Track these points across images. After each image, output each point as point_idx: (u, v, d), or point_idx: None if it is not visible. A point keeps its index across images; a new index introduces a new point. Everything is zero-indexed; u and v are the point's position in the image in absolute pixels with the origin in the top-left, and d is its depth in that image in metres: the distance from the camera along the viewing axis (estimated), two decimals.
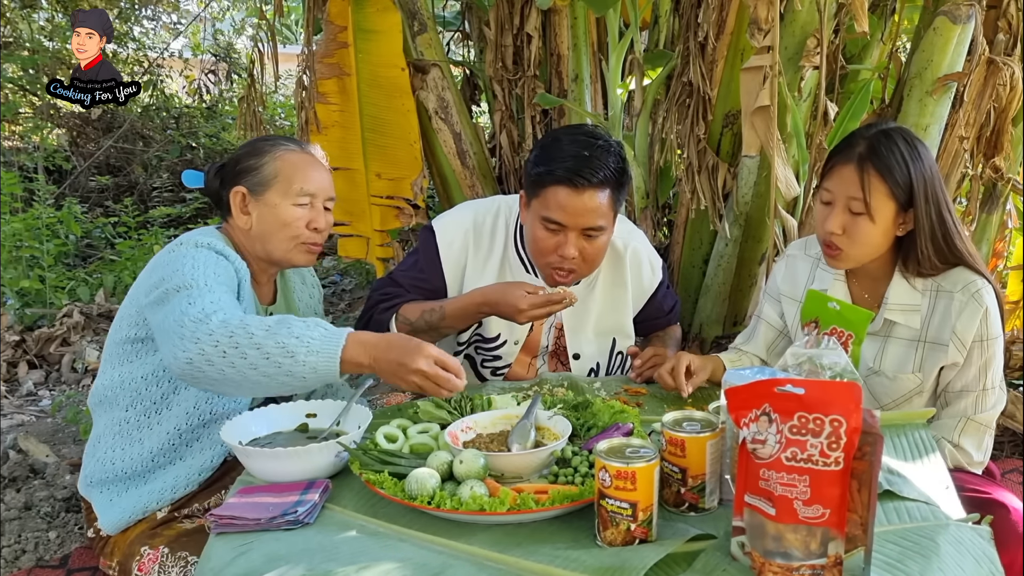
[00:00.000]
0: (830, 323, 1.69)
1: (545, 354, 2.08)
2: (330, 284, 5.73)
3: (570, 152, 1.79)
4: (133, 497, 1.69)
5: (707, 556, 1.13)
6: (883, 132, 1.64)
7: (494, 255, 2.00)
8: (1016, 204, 3.14)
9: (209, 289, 1.55)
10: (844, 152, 1.66)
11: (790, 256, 1.92)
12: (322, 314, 2.06)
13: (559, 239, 1.82)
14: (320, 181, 1.79)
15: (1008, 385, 2.94)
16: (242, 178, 1.76)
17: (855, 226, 1.64)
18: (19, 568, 2.30)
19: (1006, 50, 2.58)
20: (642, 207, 2.91)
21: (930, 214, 1.62)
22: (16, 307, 4.47)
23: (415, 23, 3.07)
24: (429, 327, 1.89)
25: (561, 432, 1.44)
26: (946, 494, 1.29)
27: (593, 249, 1.85)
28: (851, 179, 1.62)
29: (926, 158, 1.63)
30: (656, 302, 2.12)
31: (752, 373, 1.38)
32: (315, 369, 1.44)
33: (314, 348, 1.43)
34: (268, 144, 1.80)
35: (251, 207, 1.76)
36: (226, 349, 1.43)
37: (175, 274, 1.59)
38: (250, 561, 1.16)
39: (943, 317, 1.65)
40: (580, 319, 2.04)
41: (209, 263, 1.62)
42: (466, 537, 1.21)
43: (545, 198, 1.80)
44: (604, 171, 1.77)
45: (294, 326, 1.45)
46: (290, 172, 1.75)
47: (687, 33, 2.67)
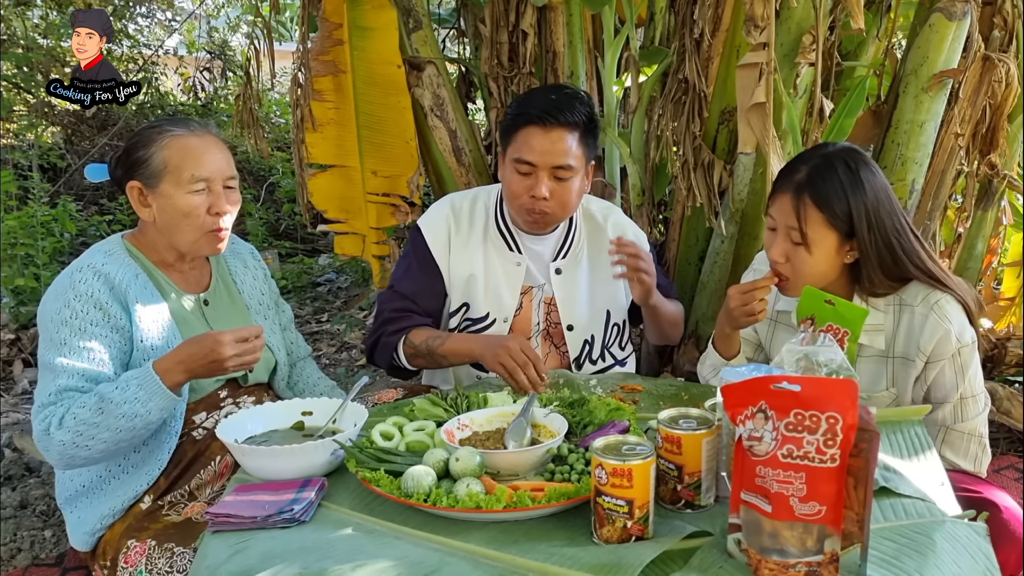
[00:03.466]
0: (826, 320, 1.69)
1: (538, 333, 2.08)
2: (326, 282, 5.72)
3: (540, 97, 1.93)
4: (95, 508, 1.71)
5: (703, 553, 1.13)
6: (824, 158, 1.60)
7: (475, 232, 2.06)
8: (1011, 201, 3.15)
9: (57, 375, 1.61)
10: (786, 179, 1.63)
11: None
12: (274, 294, 2.06)
13: (530, 181, 1.89)
14: (213, 163, 1.73)
15: (1005, 382, 2.94)
16: (135, 171, 1.73)
17: (796, 255, 1.62)
18: (15, 567, 2.30)
19: (1001, 47, 2.58)
20: (638, 204, 2.91)
21: (875, 242, 1.58)
22: (11, 305, 4.46)
23: (410, 20, 3.06)
24: (429, 352, 1.95)
25: (557, 429, 1.45)
26: (942, 491, 1.29)
27: (564, 191, 1.91)
28: (788, 209, 1.60)
29: (870, 184, 1.58)
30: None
31: (748, 370, 1.38)
32: (161, 408, 1.59)
33: (143, 399, 1.57)
34: (155, 132, 1.74)
35: (149, 200, 1.73)
36: (84, 443, 1.57)
37: (44, 339, 1.66)
38: (246, 559, 1.16)
39: (908, 331, 1.64)
40: (570, 291, 2.07)
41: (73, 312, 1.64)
42: (462, 535, 1.21)
43: (517, 141, 1.90)
44: (572, 113, 1.88)
45: (113, 397, 1.56)
46: (179, 159, 1.71)
47: (683, 30, 2.66)
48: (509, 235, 2.05)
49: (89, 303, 1.65)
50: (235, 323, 1.88)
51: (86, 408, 1.56)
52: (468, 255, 2.04)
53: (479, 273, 2.04)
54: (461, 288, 2.05)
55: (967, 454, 1.66)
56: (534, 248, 2.06)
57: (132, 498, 1.69)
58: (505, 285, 2.04)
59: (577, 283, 2.07)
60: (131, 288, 1.70)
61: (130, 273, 1.72)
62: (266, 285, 2.03)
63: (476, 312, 2.05)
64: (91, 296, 1.65)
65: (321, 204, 3.15)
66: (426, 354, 1.95)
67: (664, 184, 3.12)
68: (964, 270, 3.12)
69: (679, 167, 2.66)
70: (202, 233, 1.74)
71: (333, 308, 5.18)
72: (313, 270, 5.89)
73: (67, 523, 1.77)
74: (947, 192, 2.75)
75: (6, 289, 4.53)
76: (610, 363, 2.13)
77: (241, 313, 1.92)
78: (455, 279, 2.05)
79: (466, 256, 2.04)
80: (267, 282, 2.04)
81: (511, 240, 2.05)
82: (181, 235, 1.74)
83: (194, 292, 1.83)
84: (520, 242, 2.06)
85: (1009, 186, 2.94)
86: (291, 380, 2.05)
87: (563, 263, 2.07)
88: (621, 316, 2.13)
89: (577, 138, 1.89)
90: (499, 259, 2.05)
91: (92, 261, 1.70)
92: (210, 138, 1.77)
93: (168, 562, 1.53)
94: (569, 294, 2.07)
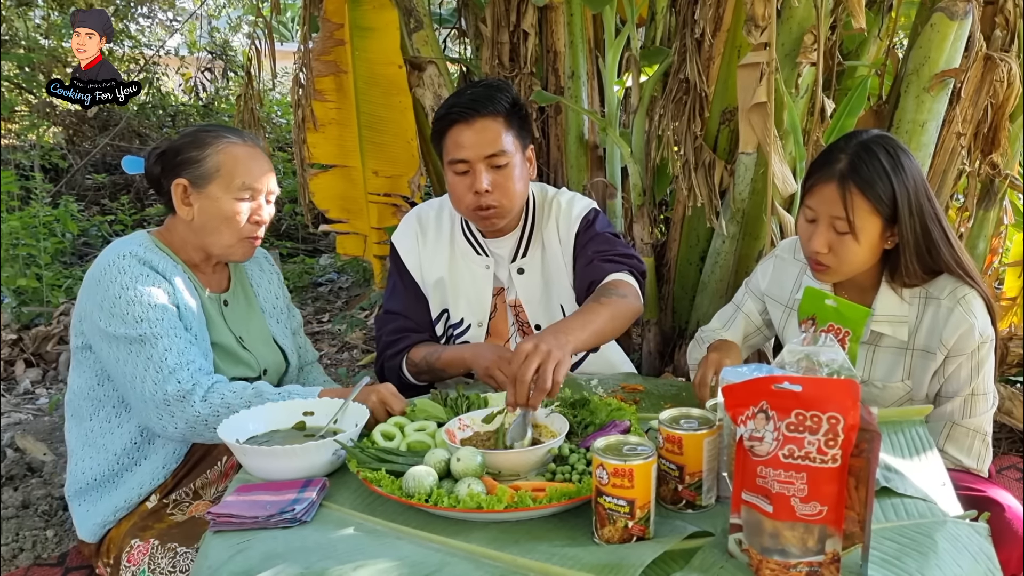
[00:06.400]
0: (827, 320, 1.69)
1: (515, 335, 2.08)
2: (327, 282, 5.73)
3: (455, 98, 1.94)
4: (106, 502, 1.72)
5: (704, 553, 1.13)
6: (863, 145, 1.59)
7: (442, 239, 2.07)
8: (1013, 200, 3.14)
9: (166, 344, 1.63)
10: (825, 169, 1.61)
11: (779, 257, 1.89)
12: (286, 298, 2.09)
13: (470, 179, 1.88)
14: (263, 175, 1.79)
15: (1007, 382, 2.94)
16: (183, 170, 1.76)
17: (841, 245, 1.60)
18: (17, 567, 2.30)
19: (1003, 46, 2.57)
20: (639, 204, 2.91)
21: (915, 227, 1.58)
22: (13, 305, 4.46)
23: (411, 20, 3.06)
24: (430, 368, 1.96)
25: (558, 430, 1.45)
26: (943, 491, 1.29)
27: (504, 179, 1.89)
28: (833, 198, 1.58)
29: (909, 168, 1.58)
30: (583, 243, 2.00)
31: (749, 370, 1.38)
32: None
33: None
34: (210, 136, 1.79)
35: (192, 199, 1.76)
36: (215, 423, 1.56)
37: (123, 316, 1.63)
38: (247, 559, 1.16)
39: (931, 324, 1.64)
40: (532, 290, 2.05)
41: (146, 292, 1.66)
42: (463, 535, 1.21)
43: (447, 145, 1.90)
44: (491, 103, 1.87)
45: (270, 398, 1.61)
46: (232, 166, 1.75)
47: (684, 30, 2.66)
48: (474, 239, 2.05)
49: (146, 281, 1.67)
50: (251, 324, 1.91)
51: (237, 395, 1.61)
52: (437, 262, 2.05)
53: (447, 277, 2.04)
54: (434, 294, 2.06)
55: (970, 451, 1.66)
56: (497, 251, 2.05)
57: (148, 490, 1.71)
58: (475, 289, 2.04)
59: (534, 281, 2.05)
60: (173, 276, 1.73)
61: (169, 264, 1.75)
62: (280, 290, 2.06)
63: (454, 318, 2.06)
64: (145, 276, 1.68)
65: (322, 204, 3.16)
66: (427, 370, 1.97)
67: (665, 184, 3.13)
68: None
69: (680, 167, 2.66)
70: (239, 239, 1.78)
71: (334, 308, 5.18)
72: (314, 270, 5.90)
73: (74, 516, 1.78)
74: (949, 192, 2.74)
75: (8, 289, 4.54)
76: (579, 358, 2.08)
77: (256, 316, 1.95)
78: (428, 286, 2.06)
79: (435, 263, 2.05)
80: (281, 287, 2.07)
81: (476, 244, 2.05)
82: (217, 237, 1.77)
83: (215, 292, 1.86)
84: (485, 245, 2.05)
85: (1011, 186, 2.93)
86: (298, 383, 2.06)
87: (524, 262, 2.04)
88: (571, 306, 2.05)
89: (503, 124, 1.88)
90: (467, 264, 2.04)
91: (130, 249, 1.71)
92: (259, 151, 1.84)
93: (171, 562, 1.53)
94: (532, 293, 2.05)
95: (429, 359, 1.96)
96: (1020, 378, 3.00)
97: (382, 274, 3.22)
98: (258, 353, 1.88)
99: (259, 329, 1.93)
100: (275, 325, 1.99)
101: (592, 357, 2.10)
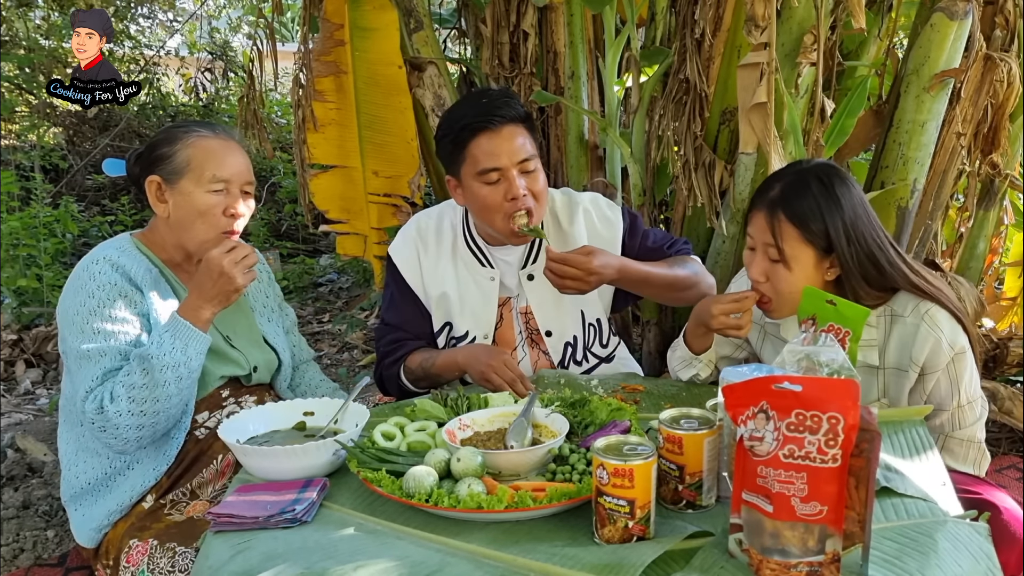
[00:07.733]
0: (827, 320, 1.69)
1: (523, 343, 2.06)
2: (327, 282, 5.73)
3: (469, 107, 1.89)
4: (101, 506, 1.72)
5: (705, 553, 1.13)
6: (798, 174, 1.60)
7: (444, 250, 2.04)
8: (1013, 200, 3.15)
9: (104, 364, 1.63)
10: (759, 197, 1.62)
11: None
12: (278, 296, 2.07)
13: (503, 186, 1.84)
14: (235, 166, 1.77)
15: (1007, 382, 2.94)
16: (156, 167, 1.75)
17: (775, 273, 1.61)
18: (17, 567, 2.30)
19: (1003, 46, 2.58)
20: (639, 204, 2.91)
21: (856, 256, 1.56)
22: (13, 306, 4.46)
23: (411, 20, 3.06)
24: (426, 374, 1.97)
25: (558, 430, 1.45)
26: (943, 491, 1.29)
27: (534, 183, 1.87)
28: (763, 227, 1.59)
29: (846, 199, 1.57)
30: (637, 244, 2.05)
31: (749, 370, 1.38)
32: (199, 352, 1.65)
33: (180, 347, 1.61)
34: (180, 131, 1.78)
35: (167, 196, 1.75)
36: (139, 408, 1.59)
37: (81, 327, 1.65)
38: (248, 559, 1.16)
39: (899, 343, 1.63)
40: (543, 296, 2.03)
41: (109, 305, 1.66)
42: (464, 535, 1.21)
43: (472, 155, 1.85)
44: (511, 109, 1.85)
45: (153, 353, 1.59)
46: (202, 159, 1.74)
47: (684, 30, 2.66)
48: (479, 250, 2.02)
49: (113, 291, 1.67)
50: (239, 323, 1.89)
51: (131, 374, 1.59)
52: (439, 274, 2.02)
53: (452, 292, 2.02)
54: (438, 308, 2.04)
55: (966, 459, 1.65)
56: (504, 259, 2.03)
57: (140, 493, 1.70)
58: (481, 302, 2.02)
59: (549, 287, 2.00)
60: (146, 280, 1.73)
61: (144, 267, 1.75)
62: (271, 288, 2.04)
63: (457, 331, 2.04)
64: (113, 284, 1.67)
65: (323, 204, 3.15)
66: (424, 376, 1.98)
67: (665, 184, 3.12)
68: (966, 270, 3.11)
69: (680, 167, 2.66)
70: (215, 233, 1.75)
71: (334, 308, 5.19)
72: (314, 270, 5.90)
73: (71, 521, 1.78)
74: (949, 192, 2.75)
75: (8, 290, 4.54)
76: (595, 363, 2.10)
77: (245, 314, 1.93)
78: (431, 299, 2.04)
79: (437, 275, 2.02)
80: (271, 285, 2.05)
81: (481, 255, 2.02)
82: (193, 233, 1.76)
83: None
84: (490, 256, 2.02)
85: (1011, 186, 2.93)
86: (293, 382, 2.06)
87: (535, 268, 2.02)
88: (596, 314, 2.08)
89: (524, 129, 1.87)
90: (471, 276, 2.02)
91: (106, 254, 1.72)
92: (233, 143, 1.81)
93: (170, 562, 1.53)
94: (543, 299, 2.03)
95: (425, 364, 1.97)
96: (1020, 378, 3.00)
97: (382, 274, 3.22)
98: (247, 352, 1.87)
99: (247, 328, 1.92)
100: (266, 324, 1.97)
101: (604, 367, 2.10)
